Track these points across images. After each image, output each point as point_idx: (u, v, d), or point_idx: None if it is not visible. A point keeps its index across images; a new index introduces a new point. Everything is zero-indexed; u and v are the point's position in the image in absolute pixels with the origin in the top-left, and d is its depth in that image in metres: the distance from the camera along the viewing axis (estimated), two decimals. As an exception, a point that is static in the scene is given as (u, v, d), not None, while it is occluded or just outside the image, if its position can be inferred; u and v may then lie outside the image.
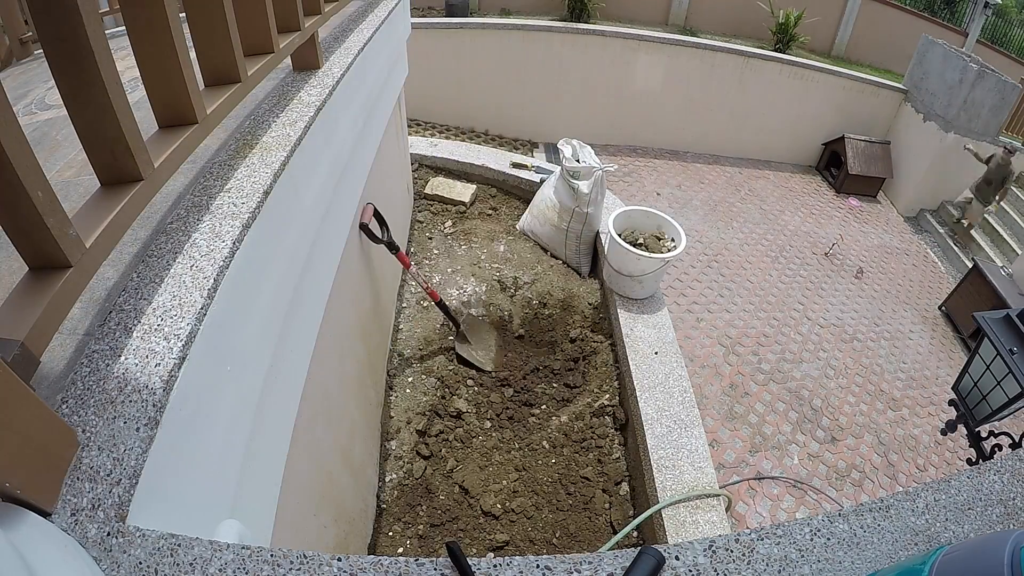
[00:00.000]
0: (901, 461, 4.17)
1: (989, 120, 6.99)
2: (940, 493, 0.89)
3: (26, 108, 1.76)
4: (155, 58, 1.00)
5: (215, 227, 1.07)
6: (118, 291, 0.95)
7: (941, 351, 5.48)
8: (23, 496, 0.63)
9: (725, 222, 6.47)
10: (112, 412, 0.79)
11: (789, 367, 4.69)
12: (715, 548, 0.79)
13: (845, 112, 7.67)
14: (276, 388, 1.31)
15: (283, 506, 1.34)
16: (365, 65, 2.02)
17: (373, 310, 2.59)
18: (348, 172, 1.92)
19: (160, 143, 1.02)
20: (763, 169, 7.82)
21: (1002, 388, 2.25)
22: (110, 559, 0.68)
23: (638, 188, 6.72)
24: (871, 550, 0.80)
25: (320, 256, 1.66)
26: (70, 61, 0.80)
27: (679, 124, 7.49)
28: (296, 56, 1.66)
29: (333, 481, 1.97)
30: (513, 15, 9.88)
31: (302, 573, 0.70)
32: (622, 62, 6.86)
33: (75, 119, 0.86)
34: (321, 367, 1.72)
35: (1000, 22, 11.93)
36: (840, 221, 7.08)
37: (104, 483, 0.72)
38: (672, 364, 2.62)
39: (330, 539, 1.90)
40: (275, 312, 1.29)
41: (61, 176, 1.30)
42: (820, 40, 11.00)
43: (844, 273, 6.11)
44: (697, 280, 5.43)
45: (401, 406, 2.90)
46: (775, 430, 4.09)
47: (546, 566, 0.74)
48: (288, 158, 1.30)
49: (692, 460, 2.24)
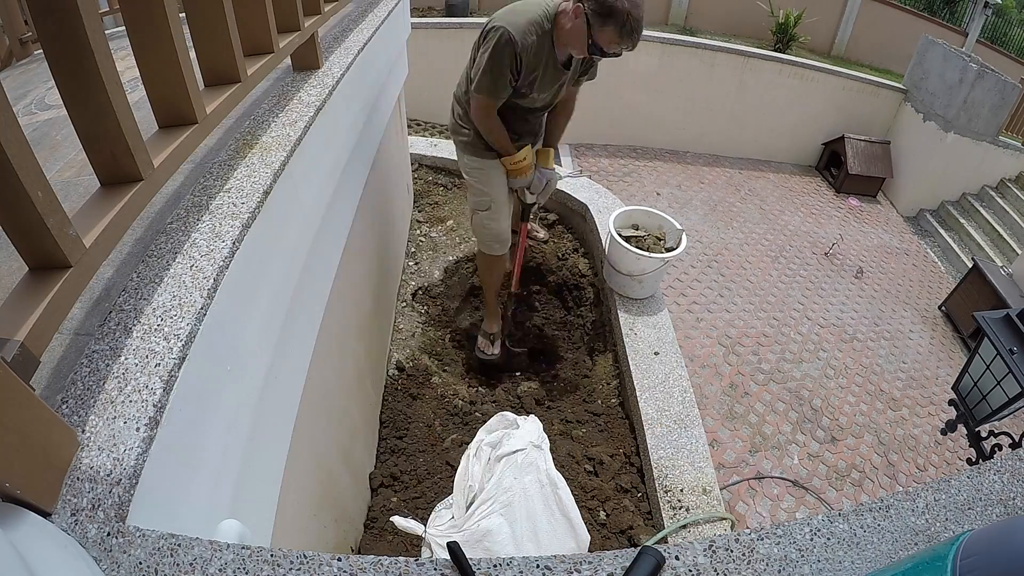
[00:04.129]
0: (901, 461, 4.17)
1: (989, 120, 6.99)
2: (940, 493, 0.89)
3: (26, 108, 1.76)
4: (155, 58, 1.00)
5: (215, 227, 1.07)
6: (118, 291, 0.95)
7: (941, 351, 5.48)
8: (23, 496, 0.63)
9: (725, 222, 6.47)
10: (112, 412, 0.79)
11: (789, 367, 4.69)
12: (715, 548, 0.79)
13: (845, 112, 7.67)
14: (276, 388, 1.31)
15: (283, 506, 1.34)
16: (365, 65, 2.02)
17: (373, 310, 2.59)
18: (348, 172, 1.92)
19: (160, 143, 1.02)
20: (763, 169, 7.83)
21: (1002, 388, 2.26)
22: (110, 559, 0.68)
23: (638, 188, 6.72)
24: (871, 550, 0.80)
25: (320, 256, 1.66)
26: (70, 61, 0.80)
27: (679, 124, 7.48)
28: (296, 56, 1.66)
29: (333, 481, 1.97)
30: (513, 15, 9.87)
31: (302, 573, 0.70)
32: (622, 62, 6.84)
33: (75, 119, 0.86)
34: (321, 367, 1.72)
35: (1000, 22, 11.93)
36: (840, 221, 7.08)
37: (104, 483, 0.72)
38: (672, 364, 2.62)
39: (330, 539, 1.91)
40: (275, 312, 1.29)
41: (61, 176, 1.30)
42: (820, 40, 11.00)
43: (844, 273, 6.11)
44: (697, 280, 5.43)
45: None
46: (775, 430, 4.09)
47: (546, 566, 0.74)
48: (288, 158, 1.30)
49: (692, 460, 2.24)
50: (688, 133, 7.58)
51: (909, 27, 10.80)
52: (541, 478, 1.88)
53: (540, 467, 1.90)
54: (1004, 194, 7.37)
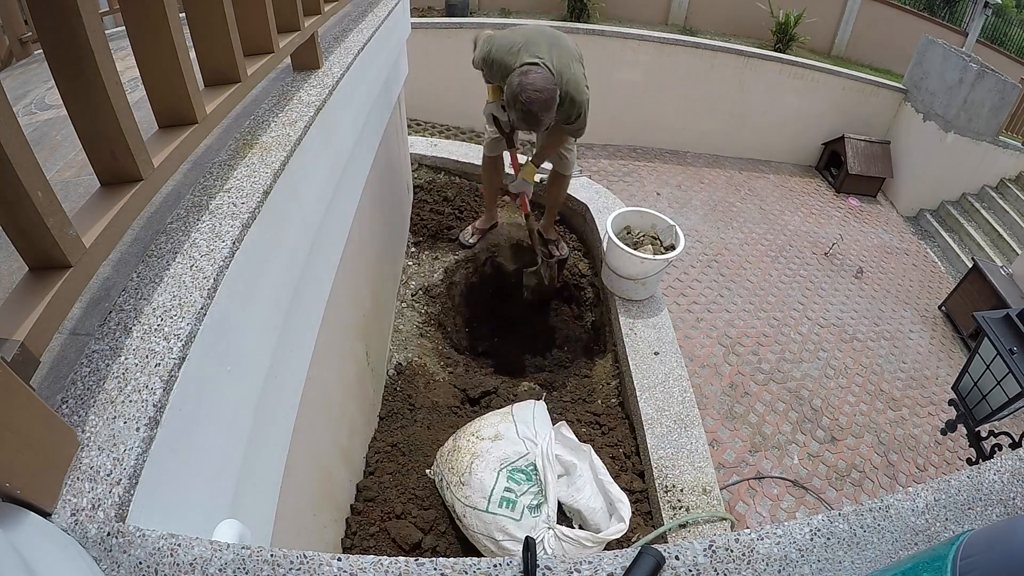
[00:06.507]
0: (901, 461, 4.17)
1: (989, 120, 6.99)
2: (940, 493, 0.89)
3: (26, 108, 1.76)
4: (155, 58, 1.00)
5: (215, 227, 1.07)
6: (118, 291, 0.95)
7: (941, 351, 5.48)
8: (23, 496, 0.63)
9: (725, 222, 6.47)
10: (112, 412, 0.79)
11: (789, 367, 4.69)
12: (715, 548, 0.79)
13: (845, 112, 7.67)
14: (276, 388, 1.31)
15: (283, 506, 1.34)
16: (365, 65, 2.02)
17: (373, 310, 2.59)
18: (348, 172, 1.92)
19: (160, 143, 1.02)
20: (763, 169, 7.83)
21: (1002, 388, 2.26)
22: (110, 559, 0.68)
23: (638, 188, 6.72)
24: (871, 550, 0.80)
25: (320, 256, 1.66)
26: (70, 61, 0.80)
27: (679, 124, 7.48)
28: (296, 56, 1.66)
29: (333, 481, 1.97)
30: (513, 15, 9.88)
31: (302, 573, 0.71)
32: (622, 62, 6.86)
33: (75, 119, 0.86)
34: (321, 367, 1.72)
35: (1000, 22, 11.93)
36: (840, 221, 7.08)
37: (104, 483, 0.72)
38: (672, 364, 2.62)
39: (330, 539, 1.91)
40: (275, 312, 1.29)
41: (61, 176, 1.30)
42: (820, 40, 11.00)
43: (844, 273, 6.11)
44: (697, 280, 5.43)
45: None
46: (775, 430, 4.09)
47: (546, 566, 0.74)
48: (288, 158, 1.30)
49: (692, 460, 2.24)
50: (688, 133, 7.58)
51: (909, 27, 10.80)
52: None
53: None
54: (1004, 194, 7.36)
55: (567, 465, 2.10)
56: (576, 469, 2.11)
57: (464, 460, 2.09)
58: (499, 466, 2.05)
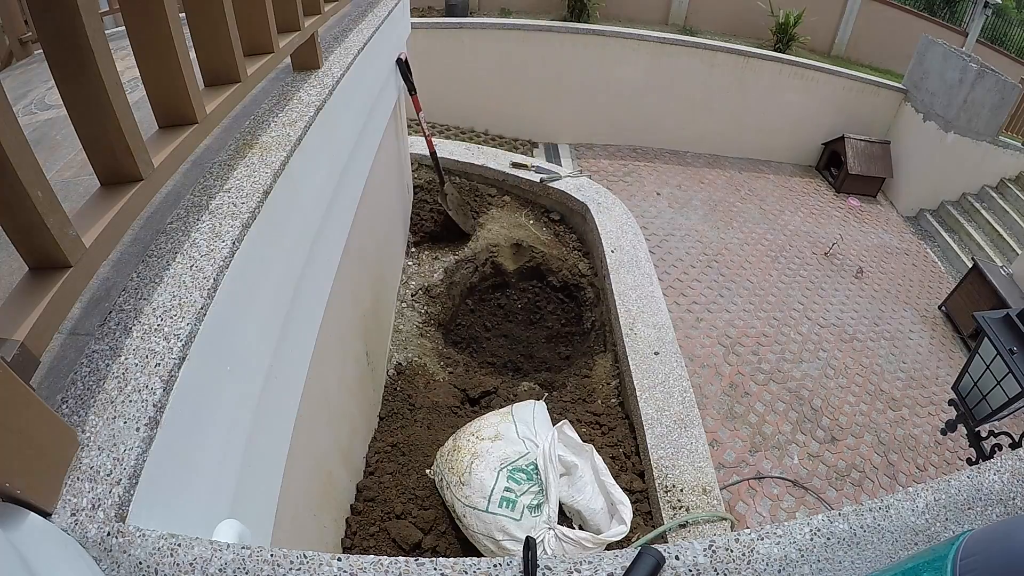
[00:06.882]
0: (901, 461, 4.17)
1: (989, 120, 6.99)
2: (940, 493, 0.89)
3: (26, 108, 1.76)
4: (155, 58, 1.00)
5: (215, 227, 1.07)
6: (118, 291, 0.95)
7: (941, 351, 5.48)
8: (23, 496, 0.63)
9: (725, 222, 6.47)
10: (112, 412, 0.79)
11: (789, 367, 4.69)
12: (715, 548, 0.79)
13: (845, 112, 7.68)
14: (276, 388, 1.31)
15: (283, 506, 1.34)
16: (365, 65, 2.02)
17: (373, 310, 2.59)
18: (348, 172, 1.92)
19: (160, 143, 1.02)
20: (763, 169, 7.83)
21: (1002, 388, 2.26)
22: (110, 559, 0.68)
23: (638, 188, 6.73)
24: (871, 550, 0.80)
25: (320, 256, 1.66)
26: (70, 61, 0.80)
27: (679, 124, 7.49)
28: (296, 56, 1.66)
29: (333, 481, 1.97)
30: (513, 15, 9.88)
31: (302, 573, 0.71)
32: (622, 62, 6.87)
33: (75, 119, 0.86)
34: (321, 367, 1.72)
35: (1000, 22, 11.93)
36: (840, 221, 7.08)
37: (104, 483, 0.72)
38: (672, 364, 2.62)
39: (330, 539, 1.91)
40: (275, 312, 1.29)
41: (61, 176, 1.30)
42: (820, 40, 11.00)
43: (844, 273, 6.12)
44: (697, 280, 5.43)
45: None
46: (775, 430, 4.09)
47: (546, 566, 0.74)
48: (288, 158, 1.30)
49: (692, 460, 2.24)
50: (688, 133, 7.58)
51: (909, 27, 10.80)
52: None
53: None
54: (1004, 194, 7.36)
55: (568, 465, 2.10)
56: (577, 469, 2.10)
57: (464, 460, 2.09)
58: (499, 466, 2.04)
